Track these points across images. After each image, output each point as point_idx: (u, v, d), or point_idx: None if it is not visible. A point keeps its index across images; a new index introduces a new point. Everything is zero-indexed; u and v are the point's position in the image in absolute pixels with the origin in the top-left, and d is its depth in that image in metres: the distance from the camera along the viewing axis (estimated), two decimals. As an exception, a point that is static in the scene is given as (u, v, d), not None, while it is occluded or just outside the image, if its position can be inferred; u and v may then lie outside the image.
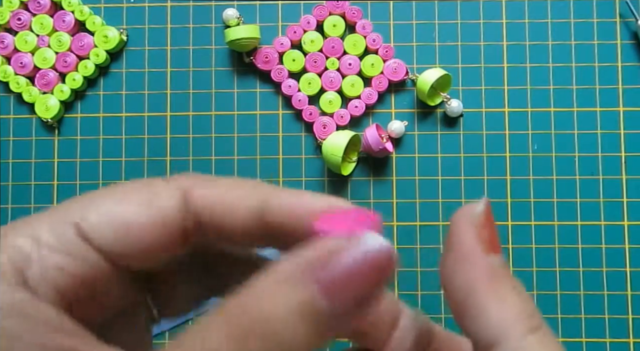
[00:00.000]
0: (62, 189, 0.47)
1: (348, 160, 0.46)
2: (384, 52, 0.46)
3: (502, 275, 0.14)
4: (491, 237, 0.15)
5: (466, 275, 0.15)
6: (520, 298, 0.14)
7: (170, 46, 0.47)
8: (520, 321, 0.14)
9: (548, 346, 0.14)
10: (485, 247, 0.15)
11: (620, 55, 0.47)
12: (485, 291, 0.14)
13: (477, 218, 0.15)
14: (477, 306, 0.14)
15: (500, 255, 0.15)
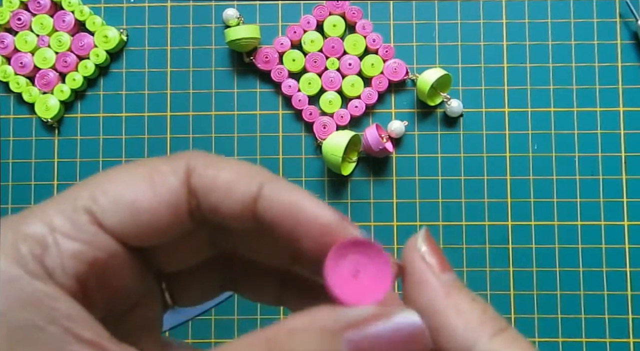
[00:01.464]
0: (62, 189, 0.47)
1: (348, 160, 0.46)
2: (384, 52, 0.46)
3: (457, 288, 0.15)
4: (438, 259, 0.16)
5: (425, 297, 0.15)
6: (479, 306, 0.15)
7: (170, 46, 0.47)
8: (484, 326, 0.14)
9: (516, 345, 0.14)
10: (436, 269, 0.15)
11: (620, 55, 0.47)
12: (445, 307, 0.15)
13: (422, 247, 0.16)
14: (442, 324, 0.15)
15: (451, 272, 0.15)
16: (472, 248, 0.45)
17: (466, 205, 0.46)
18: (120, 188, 0.15)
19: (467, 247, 0.45)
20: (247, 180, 0.16)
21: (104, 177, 0.16)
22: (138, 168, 0.16)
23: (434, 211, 0.46)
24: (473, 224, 0.46)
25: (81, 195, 0.15)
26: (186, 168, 0.16)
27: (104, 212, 0.15)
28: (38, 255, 0.14)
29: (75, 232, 0.15)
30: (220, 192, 0.16)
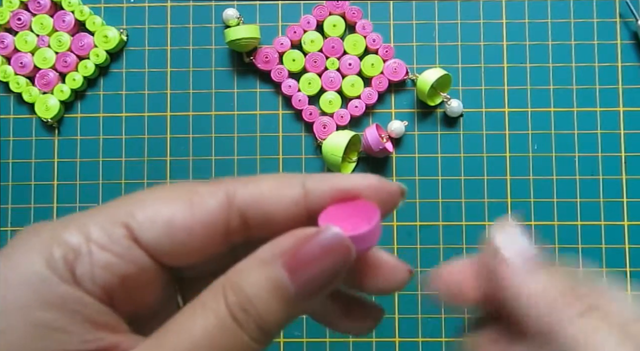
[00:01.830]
0: (62, 189, 0.47)
1: (348, 160, 0.46)
2: (384, 52, 0.46)
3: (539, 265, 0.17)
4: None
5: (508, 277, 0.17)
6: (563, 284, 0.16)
7: (170, 46, 0.47)
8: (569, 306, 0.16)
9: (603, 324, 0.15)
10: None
11: (620, 55, 0.47)
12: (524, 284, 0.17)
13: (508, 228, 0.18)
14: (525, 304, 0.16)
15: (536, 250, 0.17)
16: (472, 248, 0.45)
17: (466, 205, 0.46)
18: (158, 206, 0.16)
19: (467, 247, 0.45)
20: (289, 183, 0.17)
21: (143, 194, 0.16)
22: (177, 189, 0.16)
23: (434, 211, 0.46)
24: (473, 224, 0.46)
25: (120, 209, 0.16)
26: (225, 190, 0.16)
27: (140, 227, 0.15)
28: (70, 260, 0.15)
29: (109, 244, 0.15)
30: (269, 199, 0.16)
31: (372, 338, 0.45)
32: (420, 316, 0.45)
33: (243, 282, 0.15)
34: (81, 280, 0.15)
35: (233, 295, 0.14)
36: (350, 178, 0.17)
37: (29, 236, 0.15)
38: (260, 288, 0.14)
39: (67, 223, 0.15)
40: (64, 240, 0.15)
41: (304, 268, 0.15)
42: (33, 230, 0.16)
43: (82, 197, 0.47)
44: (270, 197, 0.16)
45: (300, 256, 0.15)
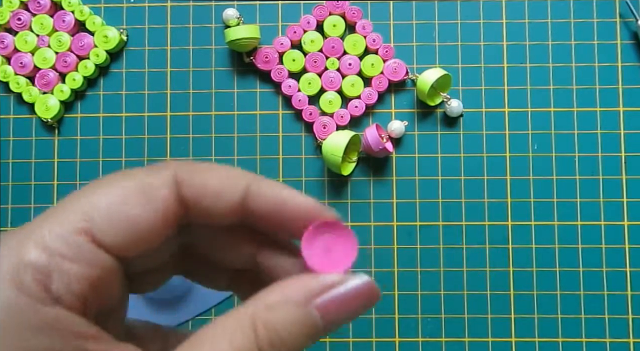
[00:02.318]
0: (62, 189, 0.47)
1: (348, 160, 0.46)
2: (384, 52, 0.46)
3: None
4: None
5: None
6: None
7: (170, 46, 0.47)
8: None
9: None
10: None
11: (620, 55, 0.47)
12: None
13: None
14: None
15: None
16: (472, 248, 0.45)
17: (466, 205, 0.46)
18: (114, 204, 0.16)
19: (467, 247, 0.45)
20: (234, 183, 0.17)
21: (94, 191, 0.16)
22: (128, 181, 0.16)
23: (434, 211, 0.46)
24: (473, 224, 0.46)
25: (75, 212, 0.15)
26: (174, 179, 0.17)
27: (101, 229, 0.15)
28: (42, 281, 0.14)
29: (75, 254, 0.15)
30: (210, 197, 0.17)
31: (372, 338, 0.45)
32: (420, 316, 0.45)
33: (276, 322, 0.16)
34: (59, 297, 0.14)
35: (264, 332, 0.15)
36: (294, 196, 0.18)
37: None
38: (293, 329, 0.16)
39: (24, 241, 0.15)
40: (30, 261, 0.14)
41: (336, 311, 0.16)
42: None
43: (82, 197, 0.47)
44: (212, 194, 0.17)
45: (334, 301, 0.16)
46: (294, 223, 0.18)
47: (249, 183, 0.17)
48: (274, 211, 0.18)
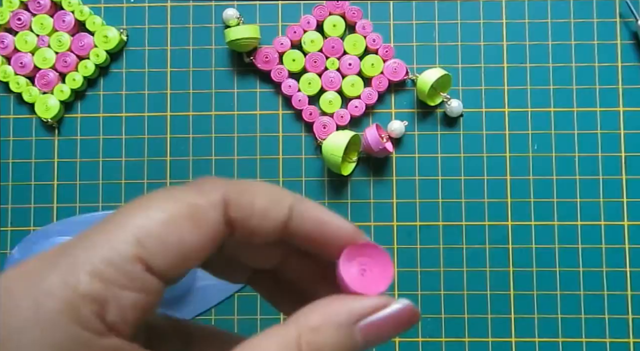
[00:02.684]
0: (62, 189, 0.47)
1: (348, 160, 0.46)
2: (384, 52, 0.46)
3: None
4: None
5: None
6: None
7: (170, 46, 0.48)
8: None
9: None
10: None
11: (620, 55, 0.47)
12: None
13: None
14: None
15: None
16: (472, 248, 0.45)
17: (466, 205, 0.46)
18: (165, 230, 0.16)
19: (467, 247, 0.45)
20: (279, 204, 0.18)
21: (143, 213, 0.16)
22: (176, 203, 0.16)
23: (434, 211, 0.46)
24: (473, 224, 0.46)
25: (127, 237, 0.15)
26: (223, 200, 0.17)
27: (153, 256, 0.15)
28: (98, 312, 0.14)
29: (129, 282, 0.15)
30: (256, 218, 0.17)
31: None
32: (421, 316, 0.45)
33: (321, 343, 0.16)
34: (114, 326, 0.15)
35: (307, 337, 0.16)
36: (333, 219, 0.19)
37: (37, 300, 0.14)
38: (336, 349, 0.16)
39: (75, 268, 0.15)
40: (85, 292, 0.14)
41: (377, 333, 0.17)
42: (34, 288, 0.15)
43: (82, 197, 0.47)
44: (258, 214, 0.17)
45: (376, 324, 0.17)
46: (332, 244, 0.18)
47: (293, 204, 0.18)
48: (315, 232, 0.18)
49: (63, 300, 0.14)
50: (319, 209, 0.18)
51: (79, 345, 0.14)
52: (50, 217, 0.47)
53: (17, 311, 0.14)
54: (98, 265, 0.15)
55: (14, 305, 0.14)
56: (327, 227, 0.18)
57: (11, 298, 0.14)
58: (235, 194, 0.17)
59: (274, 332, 0.17)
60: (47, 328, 0.14)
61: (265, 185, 0.18)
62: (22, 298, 0.14)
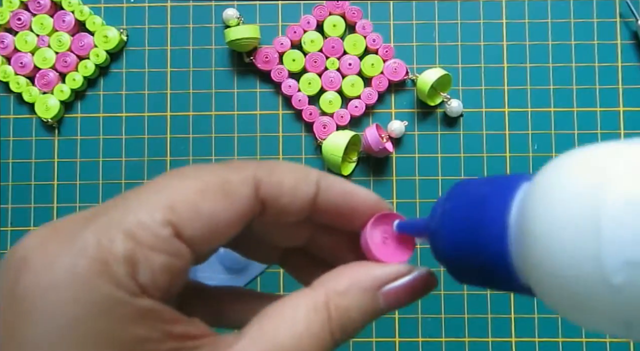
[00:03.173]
0: (62, 189, 0.47)
1: (348, 160, 0.46)
2: (384, 52, 0.46)
3: None
4: None
5: None
6: None
7: (170, 46, 0.47)
8: None
9: None
10: None
11: (620, 55, 0.47)
12: None
13: None
14: None
15: None
16: (472, 248, 0.45)
17: (466, 205, 0.46)
18: (198, 200, 0.16)
19: (467, 247, 0.45)
20: (306, 181, 0.18)
21: (178, 182, 0.16)
22: (209, 176, 0.17)
23: (434, 211, 0.46)
24: (473, 224, 0.46)
25: (161, 203, 0.16)
26: (254, 178, 0.17)
27: (185, 224, 0.16)
28: (131, 273, 0.15)
29: (160, 246, 0.15)
30: (287, 197, 0.18)
31: (372, 338, 0.45)
32: (420, 316, 0.45)
33: (348, 307, 0.17)
34: (146, 288, 0.15)
35: (337, 316, 0.17)
36: (359, 190, 0.19)
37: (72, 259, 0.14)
38: (361, 313, 0.18)
39: (110, 229, 0.15)
40: (120, 253, 0.15)
41: (398, 297, 0.18)
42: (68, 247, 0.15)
43: (82, 197, 0.47)
44: (288, 192, 0.18)
45: (399, 289, 0.18)
46: (358, 215, 0.19)
47: (319, 179, 0.19)
48: (342, 204, 0.19)
49: (97, 260, 0.14)
50: (343, 182, 0.19)
51: (114, 304, 0.14)
52: (50, 217, 0.47)
53: (52, 269, 0.14)
54: (131, 227, 0.15)
55: (49, 263, 0.14)
56: (353, 199, 0.19)
57: (46, 256, 0.14)
58: (265, 174, 0.18)
59: (303, 294, 0.17)
60: (83, 288, 0.14)
61: (290, 163, 0.19)
62: (57, 256, 0.14)
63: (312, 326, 0.17)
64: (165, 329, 0.15)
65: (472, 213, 0.16)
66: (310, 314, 0.17)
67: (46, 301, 0.14)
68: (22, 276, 0.14)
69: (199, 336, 0.16)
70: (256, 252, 0.22)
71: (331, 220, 0.20)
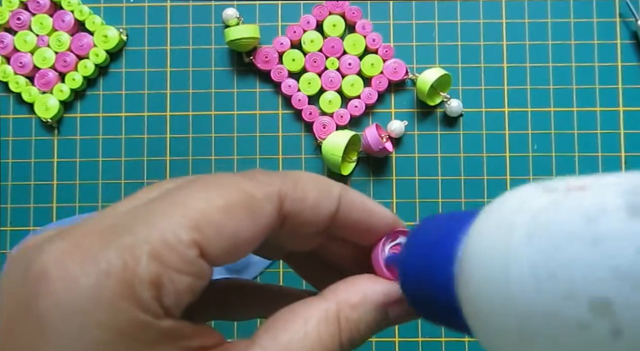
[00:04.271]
0: (62, 189, 0.47)
1: (348, 160, 0.46)
2: (384, 52, 0.46)
3: None
4: None
5: None
6: None
7: (170, 46, 0.47)
8: None
9: None
10: None
11: (620, 55, 0.47)
12: None
13: None
14: None
15: None
16: (472, 248, 0.45)
17: (466, 205, 0.46)
18: (223, 219, 0.16)
19: (467, 247, 0.45)
20: (328, 196, 0.18)
21: (200, 196, 0.16)
22: (235, 192, 0.16)
23: (434, 211, 0.46)
24: (473, 224, 0.46)
25: (185, 220, 0.15)
26: (278, 194, 0.17)
27: (209, 243, 0.15)
28: (156, 296, 0.14)
29: (185, 267, 0.15)
30: (308, 212, 0.18)
31: (372, 338, 0.45)
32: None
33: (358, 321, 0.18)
34: (168, 309, 0.15)
35: (347, 329, 0.17)
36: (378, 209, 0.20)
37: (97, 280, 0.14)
38: (370, 328, 0.18)
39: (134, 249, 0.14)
40: (145, 276, 0.14)
41: (407, 315, 0.19)
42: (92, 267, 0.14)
43: (81, 197, 0.47)
44: (311, 208, 0.18)
45: (408, 307, 0.18)
46: (374, 233, 0.20)
47: (340, 194, 0.19)
48: (361, 221, 0.19)
49: (122, 282, 0.14)
50: (363, 199, 0.19)
51: (139, 328, 0.14)
52: (50, 217, 0.47)
53: (75, 290, 0.14)
54: (157, 247, 0.14)
55: (71, 283, 0.14)
56: (372, 217, 0.19)
57: (67, 274, 0.14)
58: (290, 188, 0.17)
59: (316, 304, 0.18)
60: (107, 311, 0.14)
61: (313, 176, 0.19)
62: (82, 277, 0.14)
63: (323, 337, 0.17)
64: (184, 345, 0.15)
65: (424, 251, 0.16)
66: (322, 325, 0.17)
67: (68, 325, 0.14)
68: (42, 295, 0.14)
69: (212, 346, 0.16)
70: (262, 250, 0.22)
71: (347, 234, 0.20)
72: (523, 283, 0.12)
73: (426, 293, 0.16)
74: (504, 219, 0.14)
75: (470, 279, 0.14)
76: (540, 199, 0.13)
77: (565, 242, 0.12)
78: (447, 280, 0.15)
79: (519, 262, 0.12)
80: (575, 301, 0.11)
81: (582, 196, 0.12)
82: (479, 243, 0.14)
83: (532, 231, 0.12)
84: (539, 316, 0.12)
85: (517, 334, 0.13)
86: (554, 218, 0.12)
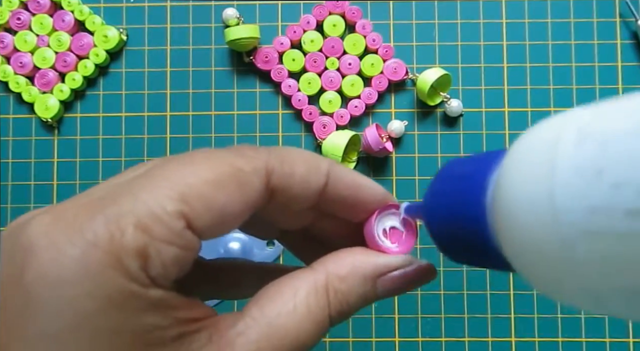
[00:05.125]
0: (62, 189, 0.47)
1: (348, 160, 0.46)
2: (384, 51, 0.46)
3: None
4: None
5: None
6: None
7: (170, 46, 0.47)
8: None
9: None
10: None
11: (620, 55, 0.47)
12: None
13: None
14: None
15: None
16: (472, 248, 0.45)
17: (466, 205, 0.46)
18: (211, 191, 0.16)
19: (467, 247, 0.45)
20: (317, 171, 0.18)
21: (188, 169, 0.16)
22: (222, 166, 0.16)
23: (434, 211, 0.46)
24: (473, 224, 0.46)
25: (172, 192, 0.15)
26: (265, 168, 0.17)
27: (196, 215, 0.15)
28: (143, 266, 0.14)
29: (172, 238, 0.15)
30: (297, 187, 0.18)
31: (372, 338, 0.45)
32: (420, 316, 0.45)
33: (347, 293, 0.18)
34: (155, 279, 0.15)
35: (336, 301, 0.18)
36: (367, 183, 0.20)
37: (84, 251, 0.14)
38: (359, 299, 0.18)
39: (120, 220, 0.14)
40: (132, 247, 0.14)
41: (395, 287, 0.19)
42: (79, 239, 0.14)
43: (81, 197, 0.47)
44: (299, 183, 0.18)
45: (397, 279, 0.19)
46: (364, 208, 0.20)
47: (329, 169, 0.19)
48: (350, 196, 0.19)
49: (109, 253, 0.14)
50: (352, 174, 0.19)
51: (127, 297, 0.14)
52: (50, 217, 0.47)
53: (61, 262, 0.14)
54: (143, 218, 0.14)
55: (57, 255, 0.14)
56: (361, 192, 0.19)
57: (53, 246, 0.14)
58: (277, 163, 0.17)
59: (304, 275, 0.18)
60: (95, 281, 0.14)
61: (301, 151, 0.19)
62: (65, 248, 0.14)
63: (312, 308, 0.17)
64: (173, 316, 0.15)
65: (453, 188, 0.16)
66: (311, 296, 0.17)
67: (55, 296, 0.14)
68: (28, 267, 0.14)
69: (201, 318, 0.16)
70: (255, 229, 0.22)
71: (337, 210, 0.20)
72: (569, 184, 0.12)
73: (458, 231, 0.16)
74: (547, 136, 0.13)
75: (510, 199, 0.13)
76: (584, 115, 0.13)
77: (614, 138, 0.12)
78: (481, 211, 0.15)
79: (565, 166, 0.12)
80: (623, 189, 0.11)
81: (627, 100, 0.13)
82: (521, 161, 0.14)
83: (579, 138, 0.12)
84: (584, 213, 0.12)
85: (560, 244, 0.12)
86: (603, 123, 0.13)
